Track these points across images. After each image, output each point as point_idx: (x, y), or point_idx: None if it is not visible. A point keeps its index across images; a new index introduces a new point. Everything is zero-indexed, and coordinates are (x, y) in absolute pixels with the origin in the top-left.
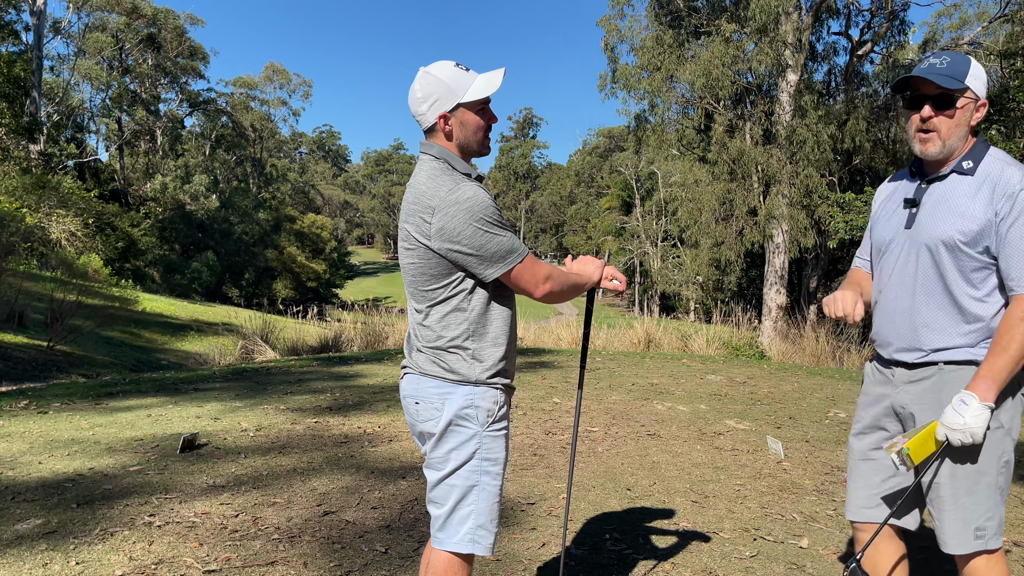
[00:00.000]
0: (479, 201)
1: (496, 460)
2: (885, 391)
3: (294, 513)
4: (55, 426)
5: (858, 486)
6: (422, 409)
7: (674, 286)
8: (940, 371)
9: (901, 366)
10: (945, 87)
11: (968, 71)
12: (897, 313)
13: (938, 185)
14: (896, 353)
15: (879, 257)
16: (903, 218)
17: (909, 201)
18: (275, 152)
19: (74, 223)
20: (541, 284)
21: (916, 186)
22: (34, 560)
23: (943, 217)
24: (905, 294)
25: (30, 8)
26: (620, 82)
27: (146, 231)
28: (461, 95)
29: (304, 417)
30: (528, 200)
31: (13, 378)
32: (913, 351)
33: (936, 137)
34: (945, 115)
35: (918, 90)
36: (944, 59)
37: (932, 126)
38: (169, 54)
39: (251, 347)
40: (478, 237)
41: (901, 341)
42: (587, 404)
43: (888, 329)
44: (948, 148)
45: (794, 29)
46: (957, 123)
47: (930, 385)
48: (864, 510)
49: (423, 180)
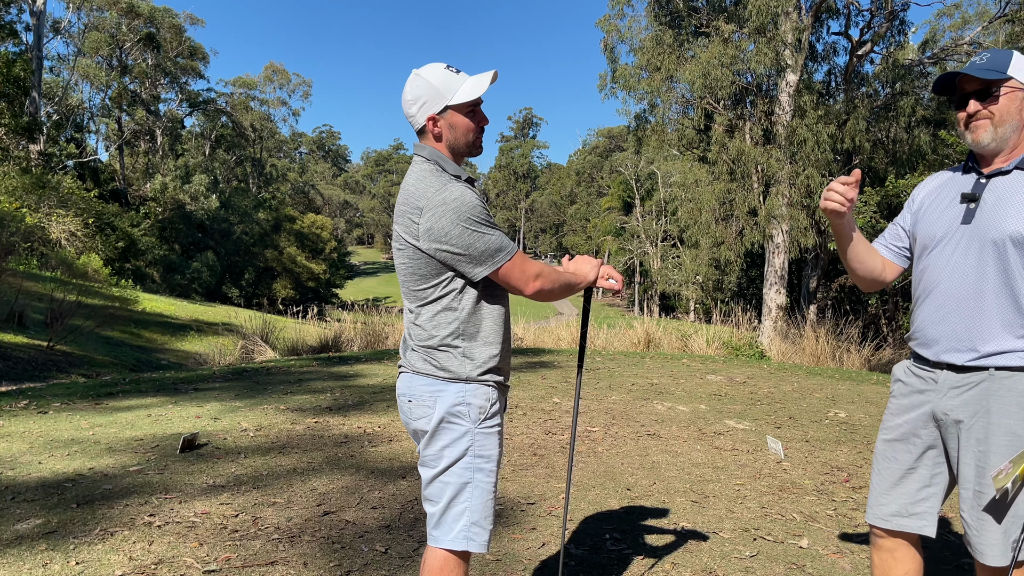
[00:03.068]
0: (466, 201)
1: (489, 457)
2: (925, 395)
3: (294, 513)
4: (55, 426)
5: (892, 493)
6: (415, 407)
7: (674, 286)
8: (991, 376)
9: (949, 368)
10: (984, 79)
11: (1011, 62)
12: (954, 310)
13: (1001, 180)
14: (944, 353)
15: (925, 252)
16: (959, 213)
17: (967, 196)
18: (275, 152)
19: (74, 223)
20: (531, 281)
21: (975, 181)
22: (34, 560)
23: (1011, 212)
24: (965, 290)
25: (30, 8)
26: (620, 82)
27: (146, 231)
28: (449, 97)
29: (304, 417)
30: (528, 200)
31: (13, 378)
32: (966, 352)
33: (988, 123)
34: (991, 105)
35: (963, 90)
36: (984, 56)
37: (982, 115)
38: (169, 54)
39: (251, 347)
40: (466, 236)
41: (953, 340)
42: (587, 404)
43: (939, 327)
44: (1000, 137)
45: (793, 29)
46: (1008, 111)
47: (979, 391)
48: (897, 518)
49: (412, 181)
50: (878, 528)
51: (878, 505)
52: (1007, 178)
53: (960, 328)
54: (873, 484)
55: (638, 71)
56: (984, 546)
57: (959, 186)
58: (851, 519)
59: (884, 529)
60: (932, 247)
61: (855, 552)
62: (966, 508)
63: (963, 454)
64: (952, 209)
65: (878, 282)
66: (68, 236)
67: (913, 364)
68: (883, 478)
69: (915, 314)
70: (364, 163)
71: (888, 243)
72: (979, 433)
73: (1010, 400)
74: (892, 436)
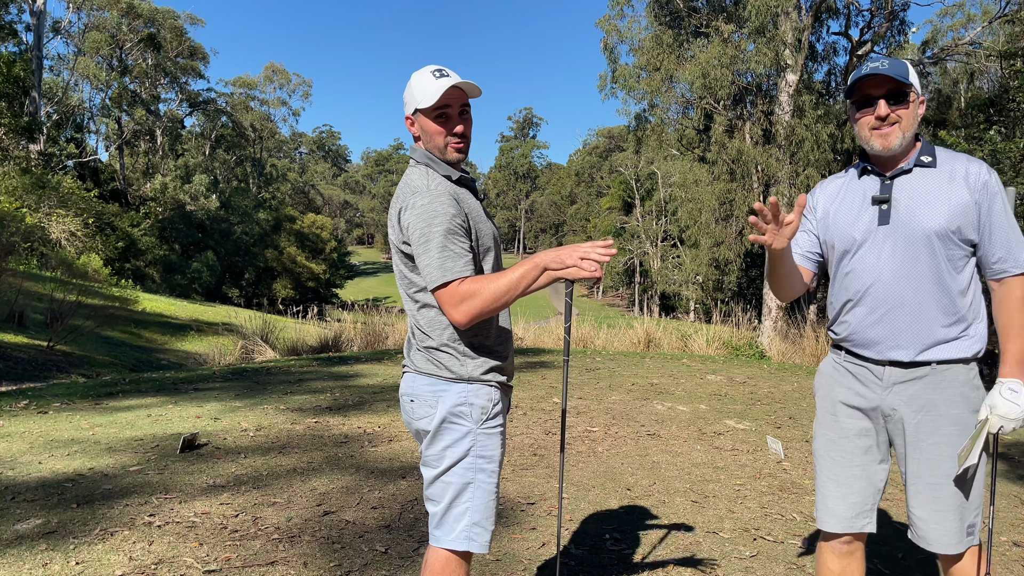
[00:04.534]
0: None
1: (491, 458)
2: (870, 391)
3: (294, 513)
4: (55, 426)
5: (848, 495)
6: (417, 407)
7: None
8: (933, 370)
9: (894, 365)
10: (900, 80)
11: (909, 70)
12: (893, 309)
13: (906, 179)
14: (889, 351)
15: (847, 256)
16: (873, 215)
17: (878, 198)
18: (275, 152)
19: (74, 223)
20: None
21: (880, 183)
22: (34, 560)
23: (927, 209)
24: (903, 289)
25: (30, 8)
26: (620, 82)
27: (146, 231)
28: (419, 100)
29: (304, 417)
30: (528, 200)
31: (13, 378)
32: (910, 348)
33: (897, 129)
34: (902, 109)
35: (866, 92)
36: (884, 61)
37: (892, 120)
38: (169, 54)
39: (251, 347)
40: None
41: (897, 338)
42: (587, 404)
43: (880, 327)
44: (906, 141)
45: (793, 29)
46: (912, 116)
47: (923, 386)
48: (857, 520)
49: (401, 185)
50: (838, 534)
51: (836, 510)
52: (911, 176)
53: (903, 326)
54: (825, 490)
55: (638, 71)
56: (942, 536)
57: (863, 189)
58: None
59: (844, 534)
60: (854, 250)
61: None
62: (918, 503)
63: (912, 449)
64: (865, 212)
65: (799, 292)
66: (68, 236)
67: (848, 362)
68: (836, 481)
69: (848, 315)
70: (364, 163)
71: (805, 252)
72: (928, 427)
73: (954, 391)
74: (836, 435)
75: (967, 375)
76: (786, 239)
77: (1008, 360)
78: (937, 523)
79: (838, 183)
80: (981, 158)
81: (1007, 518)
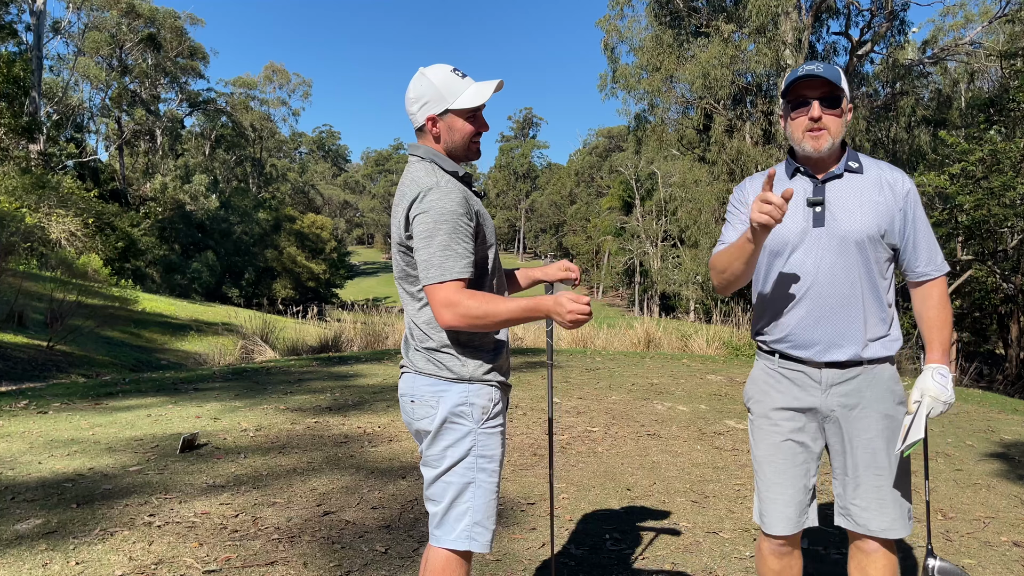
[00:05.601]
0: (444, 206)
1: (492, 457)
2: (807, 393)
3: (294, 513)
4: (55, 426)
5: (793, 497)
6: (417, 407)
7: (674, 286)
8: (865, 369)
9: (832, 367)
10: (835, 83)
11: (842, 76)
12: (832, 311)
13: (837, 183)
14: (827, 353)
15: (779, 256)
16: (807, 216)
17: (812, 200)
18: (275, 152)
19: (74, 223)
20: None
21: (813, 185)
22: (34, 560)
23: (861, 212)
24: (840, 291)
25: (30, 8)
26: (620, 82)
27: (146, 231)
28: (451, 101)
29: (304, 417)
30: (528, 200)
31: (13, 378)
32: (847, 348)
33: (827, 134)
34: (834, 113)
35: (801, 93)
36: (820, 65)
37: (823, 124)
38: (169, 54)
39: (251, 347)
40: (422, 235)
41: (836, 339)
42: (587, 404)
43: (818, 328)
44: (835, 145)
45: (793, 29)
46: (841, 123)
47: (857, 384)
48: (800, 519)
49: (407, 180)
50: (782, 536)
51: (785, 513)
52: (842, 181)
53: (842, 327)
54: (769, 494)
55: (638, 71)
56: (889, 523)
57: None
58: None
59: (788, 535)
60: (788, 252)
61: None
62: (860, 495)
63: (849, 446)
64: (798, 213)
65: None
66: (68, 236)
67: (783, 367)
68: (782, 485)
69: (785, 318)
70: (364, 163)
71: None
72: (863, 423)
73: (882, 387)
74: (777, 440)
75: (892, 372)
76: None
77: (934, 349)
78: (880, 511)
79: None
80: (981, 158)
81: (1007, 518)
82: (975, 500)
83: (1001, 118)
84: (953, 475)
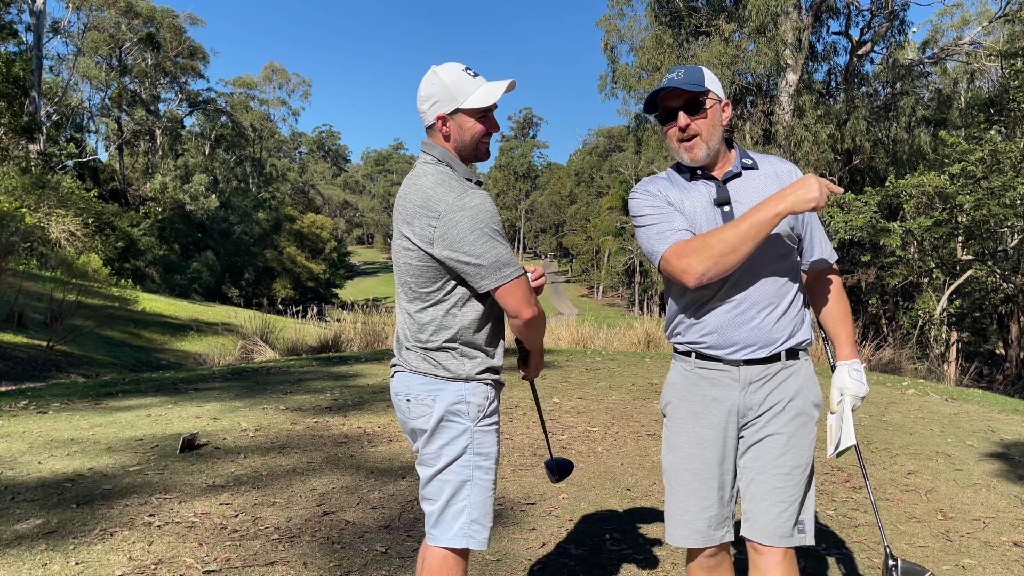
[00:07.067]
0: (485, 210)
1: (488, 455)
2: (724, 393)
3: (294, 513)
4: (55, 426)
5: (711, 506)
6: (413, 406)
7: None
8: (783, 365)
9: (750, 364)
10: (691, 91)
11: (704, 76)
12: (754, 309)
13: (738, 182)
14: (746, 351)
15: None
16: (717, 216)
17: (719, 200)
18: (275, 152)
19: (74, 223)
20: (530, 306)
21: (716, 186)
22: (34, 560)
23: None
24: (760, 290)
25: (30, 8)
26: (620, 82)
27: (146, 231)
28: (461, 101)
29: (304, 417)
30: (528, 200)
31: (13, 378)
32: (767, 346)
33: (700, 141)
34: (700, 118)
35: (666, 105)
36: (679, 72)
37: (692, 131)
38: (169, 54)
39: (251, 347)
40: (479, 245)
41: (756, 338)
42: (587, 404)
43: (742, 328)
44: (713, 149)
45: (793, 29)
46: (712, 124)
47: (775, 380)
48: (712, 532)
49: (431, 184)
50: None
51: (697, 525)
52: (741, 179)
53: (764, 325)
54: (685, 504)
55: (638, 71)
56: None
57: (699, 192)
58: (851, 519)
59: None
60: None
61: (856, 552)
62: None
63: (759, 441)
64: (708, 214)
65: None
66: (68, 236)
67: (700, 367)
68: (696, 495)
69: (706, 316)
70: (364, 163)
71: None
72: (777, 419)
73: (798, 383)
74: (693, 447)
75: (808, 367)
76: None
77: (844, 343)
78: (771, 513)
79: (664, 183)
80: (981, 158)
81: (1007, 518)
82: (975, 500)
83: (1001, 118)
84: (953, 475)
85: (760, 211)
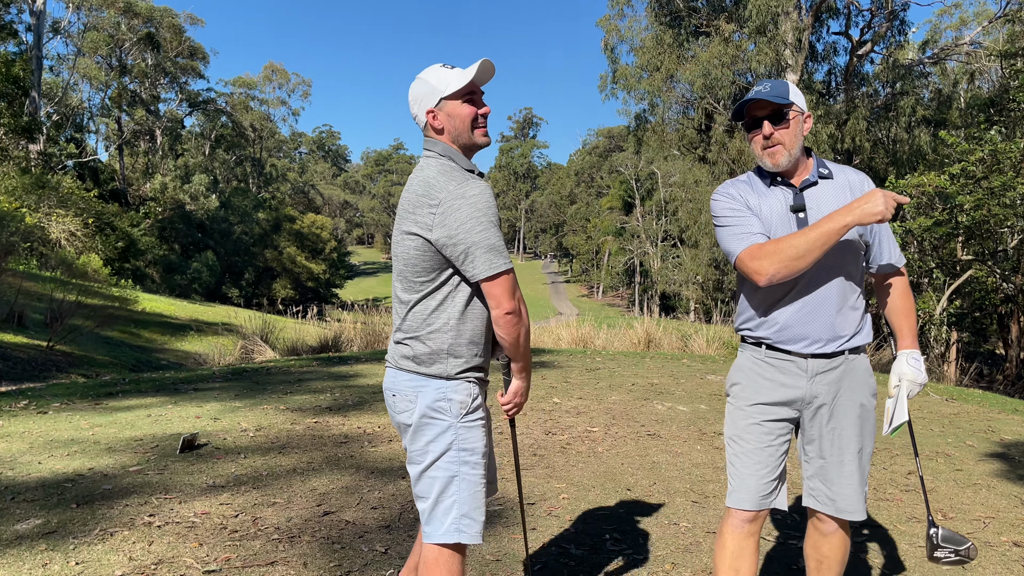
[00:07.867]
0: (484, 199)
1: (474, 450)
2: (792, 382)
3: (294, 513)
4: (55, 426)
5: (762, 475)
6: (398, 401)
7: (674, 286)
8: (846, 359)
9: (817, 357)
10: (777, 103)
11: (789, 90)
12: (819, 307)
13: (813, 190)
14: (815, 346)
15: None
16: (792, 221)
17: (795, 206)
18: (275, 152)
19: (74, 223)
20: (512, 300)
21: (793, 193)
22: (34, 560)
23: None
24: (826, 290)
25: (30, 8)
26: (620, 82)
27: (146, 231)
28: (443, 90)
29: (304, 417)
30: (528, 200)
31: (13, 378)
32: (834, 342)
33: (782, 149)
34: (783, 128)
35: (753, 114)
36: (766, 85)
37: (776, 140)
38: (168, 54)
39: (251, 347)
40: (475, 233)
41: (823, 334)
42: (587, 404)
43: (809, 324)
44: (793, 157)
45: (794, 29)
46: (794, 134)
47: (839, 374)
48: (772, 496)
49: (433, 175)
50: (751, 511)
51: (753, 487)
52: (817, 188)
53: (829, 322)
54: (745, 469)
55: (638, 71)
56: (858, 506)
57: (777, 197)
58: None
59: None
60: None
61: (856, 552)
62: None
63: (829, 432)
64: (784, 217)
65: None
66: (68, 236)
67: (771, 357)
68: (756, 461)
69: (777, 314)
70: (364, 163)
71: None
72: (842, 410)
73: (859, 378)
74: (760, 419)
75: (866, 363)
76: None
77: (905, 335)
78: (852, 495)
79: (744, 187)
80: (981, 158)
81: (1007, 518)
82: (975, 500)
83: (1001, 118)
84: (953, 475)
85: (829, 221)
